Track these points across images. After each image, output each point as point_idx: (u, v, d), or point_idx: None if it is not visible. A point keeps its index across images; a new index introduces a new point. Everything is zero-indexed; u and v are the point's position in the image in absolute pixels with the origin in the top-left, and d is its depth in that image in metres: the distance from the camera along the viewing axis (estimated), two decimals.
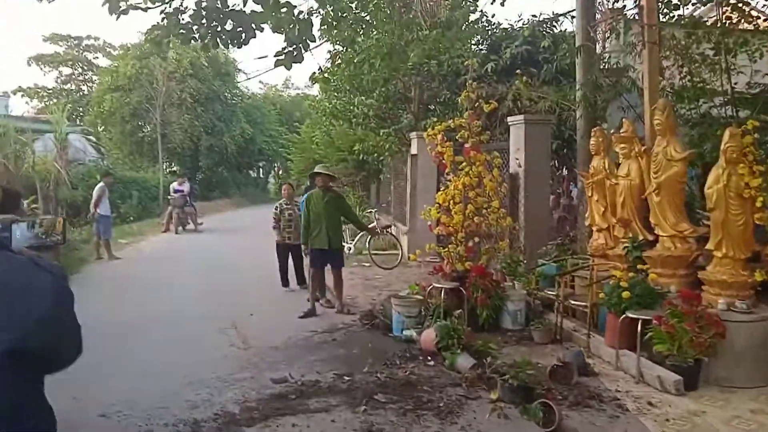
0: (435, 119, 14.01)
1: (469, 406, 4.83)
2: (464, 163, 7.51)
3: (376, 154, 15.49)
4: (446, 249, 7.47)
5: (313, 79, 12.80)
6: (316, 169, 8.73)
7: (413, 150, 13.01)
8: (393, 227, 13.73)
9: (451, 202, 7.37)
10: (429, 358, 6.04)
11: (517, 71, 11.39)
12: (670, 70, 9.45)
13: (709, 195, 5.51)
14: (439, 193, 7.55)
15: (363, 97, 13.60)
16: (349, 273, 11.38)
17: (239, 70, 33.06)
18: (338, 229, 8.47)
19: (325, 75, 12.28)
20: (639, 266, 6.11)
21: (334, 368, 5.78)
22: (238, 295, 9.32)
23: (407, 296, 7.23)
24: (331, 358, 6.17)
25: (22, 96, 36.88)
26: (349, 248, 12.80)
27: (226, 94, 31.95)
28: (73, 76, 38.93)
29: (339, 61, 12.41)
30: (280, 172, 43.32)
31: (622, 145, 6.77)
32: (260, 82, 49.11)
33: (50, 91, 37.45)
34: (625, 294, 5.67)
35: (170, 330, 7.34)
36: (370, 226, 10.84)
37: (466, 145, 7.49)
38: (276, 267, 9.87)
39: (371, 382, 5.36)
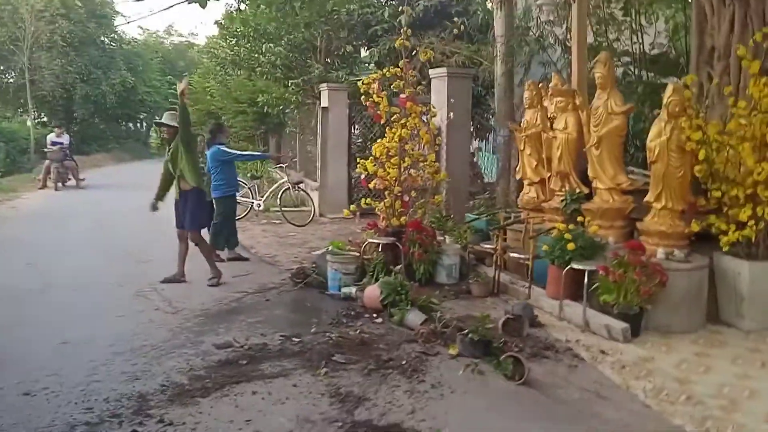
0: (345, 71, 13.66)
1: (431, 363, 4.69)
2: (399, 115, 7.23)
3: (280, 107, 14.80)
4: (381, 203, 7.23)
5: (221, 22, 11.87)
6: (162, 119, 7.33)
7: (324, 102, 12.54)
8: (303, 183, 13.26)
9: (387, 155, 7.10)
10: (375, 315, 5.84)
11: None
12: None
13: (651, 148, 5.64)
14: (376, 145, 7.24)
15: (271, 45, 12.82)
16: (261, 230, 10.95)
17: (117, 12, 30.34)
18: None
19: (235, 16, 11.38)
20: (579, 219, 6.21)
21: (278, 330, 5.43)
22: (142, 255, 8.59)
23: (343, 252, 6.93)
24: (271, 319, 5.79)
25: None
26: (258, 204, 12.24)
27: (103, 38, 29.28)
28: None
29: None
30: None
31: (559, 99, 6.79)
32: (139, 27, 45.49)
33: None
34: (570, 246, 5.74)
35: (78, 296, 6.60)
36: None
37: (402, 96, 7.21)
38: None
39: (323, 343, 5.07)
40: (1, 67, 25.57)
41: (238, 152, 9.02)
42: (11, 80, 26.06)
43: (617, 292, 5.35)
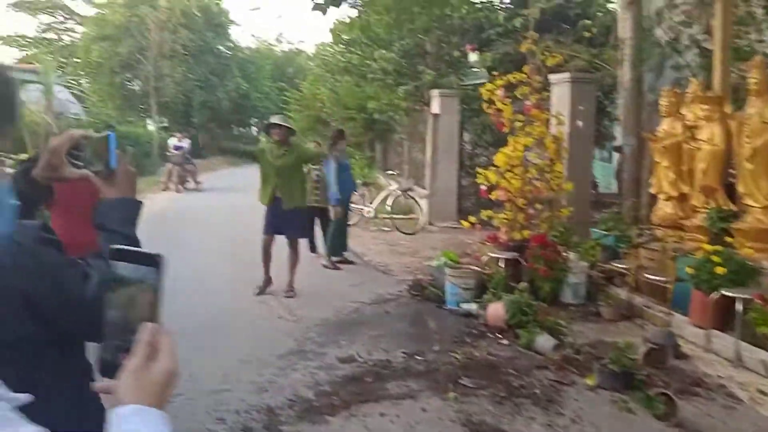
0: (461, 77, 13.43)
1: (567, 393, 4.36)
2: (523, 123, 6.92)
3: (390, 113, 14.77)
4: (502, 215, 6.93)
5: (335, 30, 11.98)
6: (274, 120, 7.21)
7: (435, 109, 12.35)
8: (412, 190, 13.13)
9: (510, 164, 6.80)
10: (499, 335, 5.56)
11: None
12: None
13: None
14: (498, 154, 6.96)
15: (384, 51, 12.81)
16: (371, 237, 10.91)
17: (232, 21, 31.76)
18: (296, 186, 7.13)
19: (354, 23, 11.43)
20: (727, 239, 5.64)
21: (400, 346, 5.27)
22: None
23: (462, 266, 6.71)
24: (392, 333, 5.65)
25: (2, 44, 35.16)
26: (369, 211, 12.23)
27: (219, 46, 30.69)
28: (53, 25, 37.14)
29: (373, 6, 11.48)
30: None
31: (705, 107, 6.22)
32: (252, 35, 47.54)
33: (31, 40, 35.73)
34: (720, 270, 5.20)
35: (207, 298, 6.77)
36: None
37: (527, 103, 6.89)
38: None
39: (449, 364, 4.86)
40: (129, 75, 27.38)
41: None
42: (137, 87, 27.88)
43: None
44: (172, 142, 17.67)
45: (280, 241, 7.13)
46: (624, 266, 6.42)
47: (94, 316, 1.57)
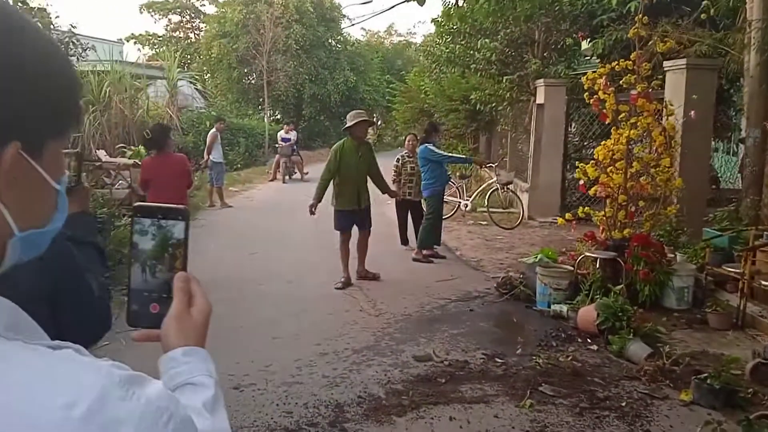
0: (563, 65, 12.81)
1: (657, 409, 4.00)
2: (628, 114, 6.43)
3: (493, 104, 14.38)
4: (601, 213, 6.50)
5: (438, 20, 11.79)
6: (359, 118, 7.16)
7: (539, 99, 11.86)
8: (512, 184, 12.74)
9: (611, 158, 6.35)
10: (589, 340, 5.22)
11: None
12: None
13: None
14: (599, 147, 6.53)
15: (487, 40, 12.45)
16: (467, 231, 10.68)
17: (344, 15, 32.27)
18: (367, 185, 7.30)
19: (452, 13, 11.19)
20: None
21: (480, 346, 5.08)
22: (356, 251, 8.76)
23: (555, 265, 6.37)
24: (473, 332, 5.47)
25: (135, 43, 38.02)
26: (466, 204, 12.00)
27: (331, 40, 31.31)
28: (182, 24, 39.60)
29: None
30: (380, 123, 42.71)
31: None
32: (362, 28, 48.26)
33: (160, 39, 38.31)
34: None
35: (294, 288, 6.90)
36: (392, 189, 8.14)
37: (633, 92, 6.39)
38: (394, 223, 9.26)
39: (529, 368, 4.62)
40: (246, 70, 28.59)
41: (445, 154, 8.82)
42: (252, 81, 29.06)
43: None
44: (281, 134, 18.23)
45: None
46: (737, 270, 5.81)
47: (103, 313, 1.59)
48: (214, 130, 13.06)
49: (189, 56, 35.41)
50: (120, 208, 9.39)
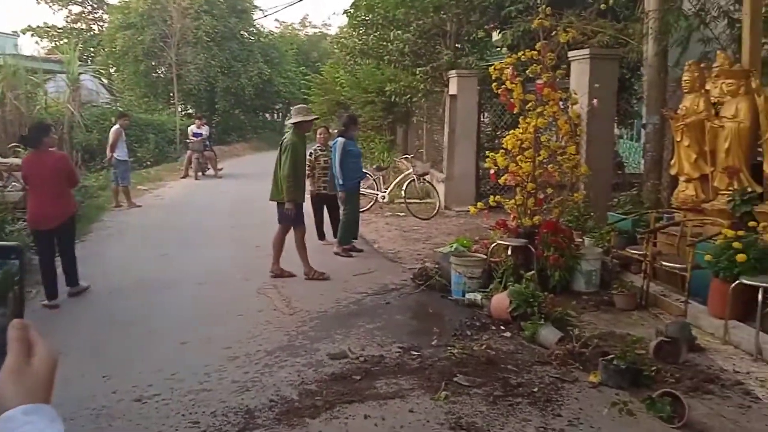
0: (475, 57, 12.99)
1: (568, 392, 4.07)
2: (534, 103, 6.54)
3: (408, 96, 14.41)
4: (512, 201, 6.60)
5: (348, 12, 11.65)
6: (311, 116, 7.37)
7: (452, 90, 11.97)
8: (429, 175, 12.82)
9: (519, 147, 6.45)
10: (503, 327, 5.28)
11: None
12: None
13: None
14: (507, 136, 6.61)
15: (399, 32, 12.44)
16: (384, 223, 10.66)
17: (255, 7, 31.51)
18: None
19: (361, 3, 11.08)
20: (750, 223, 5.22)
21: (397, 339, 5.03)
22: (271, 249, 8.54)
23: (468, 254, 6.42)
24: (390, 326, 5.42)
25: (32, 35, 35.63)
26: (383, 196, 11.97)
27: (243, 32, 30.49)
28: (83, 15, 37.49)
29: None
30: None
31: (729, 81, 5.77)
32: (276, 20, 47.13)
33: (60, 31, 36.12)
34: (741, 256, 4.82)
35: (204, 290, 6.63)
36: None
37: (539, 82, 6.50)
38: (310, 218, 9.08)
39: (445, 359, 4.60)
40: (153, 63, 27.40)
41: (337, 158, 8.25)
42: (161, 75, 27.90)
43: None
44: (192, 128, 17.58)
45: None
46: (640, 252, 6.04)
47: None
48: (117, 126, 12.38)
49: (92, 49, 33.62)
50: (14, 211, 8.77)
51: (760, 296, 4.59)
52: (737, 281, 4.81)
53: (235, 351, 4.79)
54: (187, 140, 17.72)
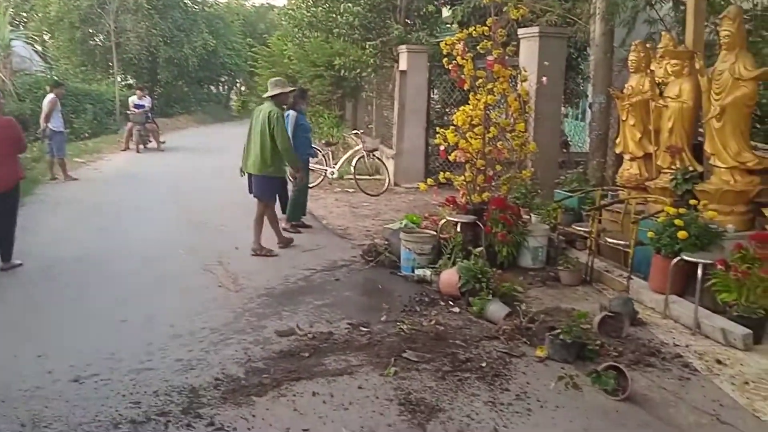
0: (426, 32, 12.90)
1: (515, 366, 4.11)
2: (485, 80, 6.52)
3: (357, 70, 14.22)
4: (461, 178, 6.59)
5: None
6: (288, 88, 7.42)
7: (402, 66, 11.87)
8: (378, 151, 12.74)
9: (470, 124, 6.43)
10: (451, 303, 5.29)
11: None
12: None
13: None
14: (458, 113, 6.58)
15: (350, 4, 12.20)
16: (334, 200, 10.55)
17: None
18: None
19: None
20: (692, 202, 5.37)
21: (345, 316, 4.98)
22: (217, 225, 8.34)
23: (418, 231, 6.40)
24: (339, 302, 5.35)
25: None
26: (332, 172, 11.84)
27: (186, 1, 29.42)
28: None
29: None
30: (243, 89, 41.17)
31: (673, 61, 5.88)
32: None
33: None
34: (682, 233, 4.95)
35: (145, 266, 6.39)
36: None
37: (489, 58, 6.48)
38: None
39: (394, 335, 4.58)
40: (91, 30, 26.15)
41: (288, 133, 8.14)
42: (99, 43, 26.69)
43: (739, 291, 4.56)
44: (133, 100, 16.91)
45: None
46: (586, 229, 6.15)
47: None
48: (52, 96, 11.77)
49: (24, 14, 31.82)
50: None
51: (699, 272, 4.73)
52: (678, 257, 4.94)
53: (178, 329, 4.64)
54: (128, 111, 17.05)
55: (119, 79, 25.01)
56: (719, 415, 3.56)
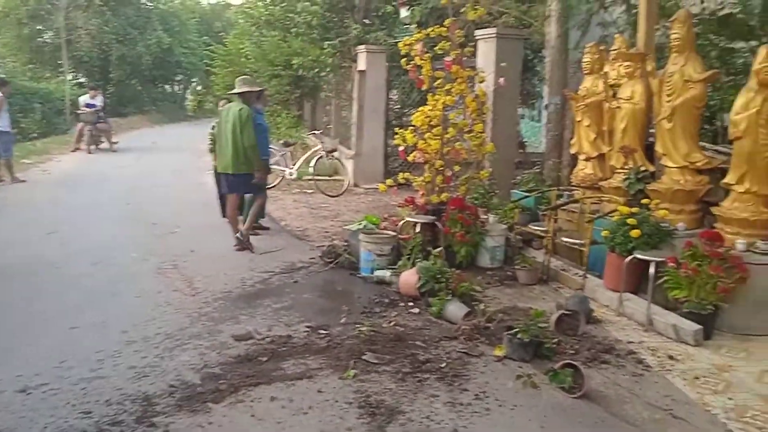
0: (384, 32, 12.90)
1: (474, 366, 4.13)
2: (443, 80, 6.54)
3: (316, 70, 14.13)
4: (420, 178, 6.60)
5: None
6: (256, 86, 7.46)
7: (361, 66, 11.85)
8: (337, 151, 12.69)
9: (428, 124, 6.44)
10: (411, 304, 5.29)
11: None
12: None
13: (737, 122, 4.87)
14: (416, 113, 6.59)
15: (307, 3, 12.10)
16: (292, 201, 10.48)
17: None
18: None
19: None
20: (644, 201, 5.49)
21: (304, 318, 4.93)
22: (171, 226, 8.17)
23: (377, 231, 6.38)
24: (298, 305, 5.29)
25: None
26: (291, 173, 11.73)
27: None
28: None
29: None
30: (199, 88, 40.49)
31: (626, 64, 6.01)
32: None
33: None
34: (635, 232, 5.06)
35: (98, 270, 6.21)
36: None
37: (447, 59, 6.50)
38: (214, 194, 8.73)
39: (353, 337, 4.54)
40: (39, 27, 25.34)
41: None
42: (48, 40, 25.91)
43: (689, 288, 4.68)
44: (84, 99, 16.44)
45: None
46: (542, 229, 6.23)
47: None
48: None
49: None
50: None
51: (651, 270, 4.84)
52: (631, 256, 5.05)
53: (131, 335, 4.51)
54: (78, 111, 16.57)
55: (69, 78, 24.28)
56: (672, 410, 3.64)
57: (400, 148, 6.75)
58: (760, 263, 4.73)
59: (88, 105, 15.97)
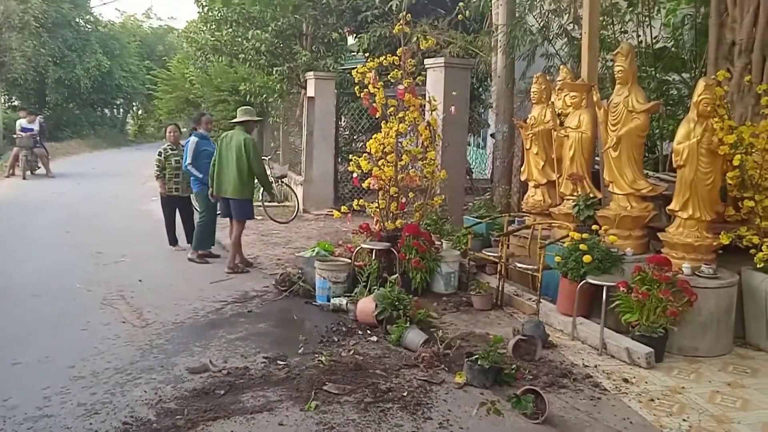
0: (332, 59, 12.98)
1: (436, 394, 4.12)
2: (396, 108, 6.62)
3: (264, 96, 14.06)
4: (375, 205, 6.62)
5: (202, 3, 11.09)
6: (251, 116, 7.72)
7: (310, 92, 11.86)
8: (287, 177, 12.60)
9: (382, 151, 6.49)
10: (369, 332, 5.26)
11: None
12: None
13: (679, 151, 5.10)
14: (371, 141, 6.62)
15: (258, 31, 12.07)
16: None
17: None
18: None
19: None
20: (593, 227, 5.66)
21: (261, 349, 4.82)
22: (116, 255, 7.89)
23: (332, 258, 6.34)
24: (253, 335, 5.17)
25: None
26: None
27: (79, 19, 28.04)
28: None
29: None
30: (140, 112, 39.64)
31: (572, 94, 6.23)
32: (117, 9, 44.21)
33: None
34: (587, 257, 5.20)
35: (39, 303, 5.91)
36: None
37: (400, 87, 6.59)
38: (161, 221, 8.51)
39: (312, 367, 4.47)
40: None
41: (189, 159, 7.98)
42: None
43: (640, 311, 4.83)
44: (21, 123, 15.82)
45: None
46: (495, 254, 6.33)
47: None
48: None
49: None
50: None
51: (604, 295, 4.96)
52: (583, 281, 5.17)
53: (79, 370, 4.31)
54: (14, 135, 15.93)
55: (3, 101, 23.33)
56: None
57: (354, 175, 6.76)
58: (705, 287, 4.93)
59: (24, 129, 15.39)
